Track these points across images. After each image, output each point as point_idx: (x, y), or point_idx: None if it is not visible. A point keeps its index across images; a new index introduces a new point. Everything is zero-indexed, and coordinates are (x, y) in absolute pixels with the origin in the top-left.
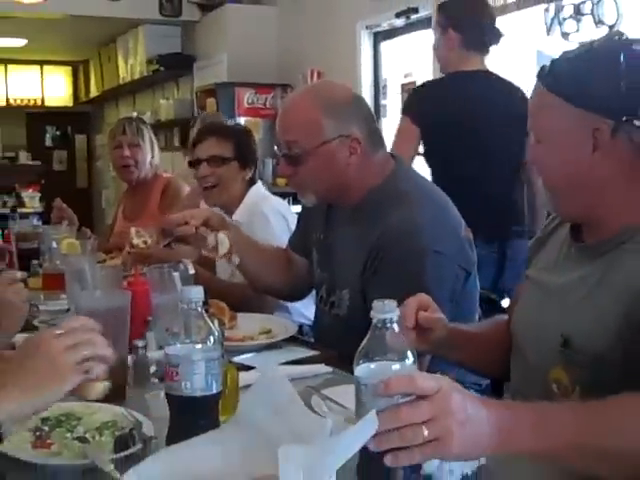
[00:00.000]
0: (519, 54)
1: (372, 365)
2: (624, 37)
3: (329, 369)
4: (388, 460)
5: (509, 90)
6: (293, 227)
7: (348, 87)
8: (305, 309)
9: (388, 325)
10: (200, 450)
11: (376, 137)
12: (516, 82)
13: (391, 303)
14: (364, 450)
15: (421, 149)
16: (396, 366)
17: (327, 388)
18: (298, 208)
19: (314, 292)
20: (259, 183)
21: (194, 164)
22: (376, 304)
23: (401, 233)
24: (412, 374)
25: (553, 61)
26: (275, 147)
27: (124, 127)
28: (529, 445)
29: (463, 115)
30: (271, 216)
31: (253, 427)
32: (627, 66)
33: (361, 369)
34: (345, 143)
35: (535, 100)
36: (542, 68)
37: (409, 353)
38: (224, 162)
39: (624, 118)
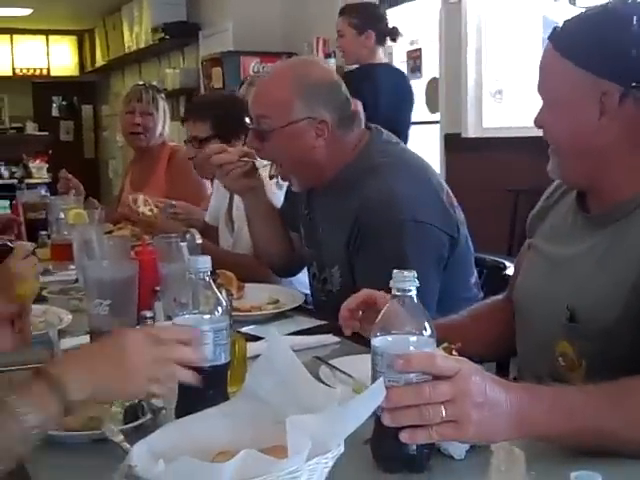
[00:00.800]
0: (525, 20)
1: (389, 337)
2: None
3: (337, 339)
4: (404, 437)
5: (403, 77)
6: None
7: (329, 69)
8: (295, 280)
9: (407, 294)
10: (210, 423)
11: (349, 121)
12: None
13: (410, 273)
14: (378, 424)
15: None
16: (413, 338)
17: (335, 358)
18: None
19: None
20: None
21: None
22: (396, 274)
23: (378, 205)
24: (433, 353)
25: (565, 22)
26: (246, 119)
27: (141, 93)
28: (545, 429)
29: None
30: (268, 184)
31: (260, 399)
32: (638, 27)
33: (379, 340)
34: (312, 125)
35: (544, 61)
36: (554, 29)
37: (427, 325)
38: (204, 142)
39: (633, 84)
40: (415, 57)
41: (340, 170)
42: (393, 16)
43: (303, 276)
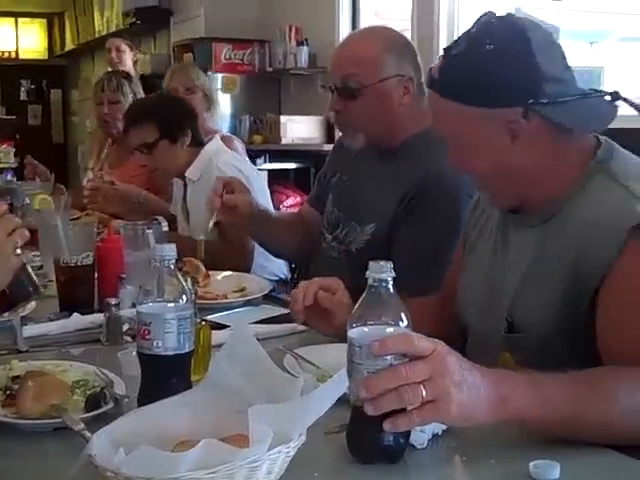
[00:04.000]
0: (497, 11)
1: (366, 328)
2: (500, 16)
3: (302, 328)
4: (387, 426)
5: None
6: (253, 183)
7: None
8: (277, 269)
9: (384, 285)
10: (171, 411)
11: (423, 87)
12: None
13: (387, 264)
14: (353, 415)
15: None
16: (390, 329)
17: (300, 347)
18: (274, 166)
19: None
20: (216, 137)
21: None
22: (372, 265)
23: (443, 177)
24: (408, 333)
25: (441, 66)
26: (323, 84)
27: (104, 83)
28: (524, 414)
29: None
30: (227, 171)
31: (223, 388)
32: (512, 48)
33: (355, 331)
34: (401, 82)
35: (435, 109)
36: (430, 76)
37: (403, 315)
38: (153, 147)
39: (530, 101)
40: None
41: (410, 136)
42: (366, 5)
43: (273, 266)
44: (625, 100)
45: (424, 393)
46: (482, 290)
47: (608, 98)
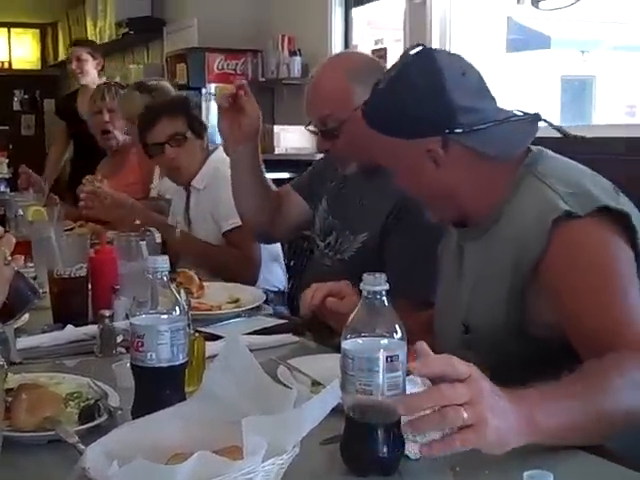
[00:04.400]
0: (490, 21)
1: (360, 340)
2: (416, 52)
3: (296, 339)
4: (425, 450)
5: None
6: None
7: (364, 53)
8: (269, 274)
9: (378, 297)
10: (165, 424)
11: None
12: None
13: (381, 276)
14: (348, 426)
15: None
16: (384, 341)
17: (293, 358)
18: (268, 175)
19: (280, 258)
20: (220, 148)
21: (152, 150)
22: (366, 277)
23: None
24: (449, 356)
25: (368, 100)
26: (307, 126)
27: (103, 93)
28: (553, 431)
29: None
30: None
31: (217, 400)
32: (425, 83)
33: (349, 342)
34: None
35: (370, 139)
36: (362, 109)
37: (397, 327)
38: (184, 139)
39: (446, 131)
40: (380, 57)
41: None
42: (358, 15)
43: (265, 270)
44: (545, 121)
45: (465, 416)
46: (444, 301)
47: (529, 120)
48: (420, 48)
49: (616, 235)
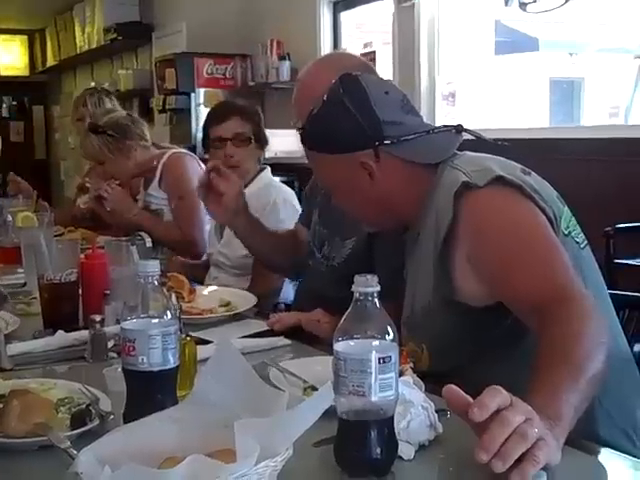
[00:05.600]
0: (478, 23)
1: (352, 342)
2: (342, 77)
3: (288, 342)
4: (516, 477)
5: None
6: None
7: (354, 54)
8: (288, 288)
9: (369, 299)
10: (158, 428)
11: None
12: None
13: (373, 277)
14: (341, 428)
15: None
16: (376, 342)
17: (285, 361)
18: None
19: None
20: (268, 168)
21: (212, 143)
22: (358, 279)
23: None
24: (497, 388)
25: (304, 124)
26: (295, 123)
27: (85, 99)
28: (572, 418)
29: None
30: (282, 207)
31: (209, 403)
32: (352, 102)
33: (341, 345)
34: None
35: (309, 162)
36: (299, 132)
37: (389, 329)
38: (248, 141)
39: (376, 143)
40: (369, 60)
41: None
42: (347, 19)
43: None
44: (467, 131)
45: (536, 430)
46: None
47: (453, 131)
48: (347, 75)
49: (517, 197)
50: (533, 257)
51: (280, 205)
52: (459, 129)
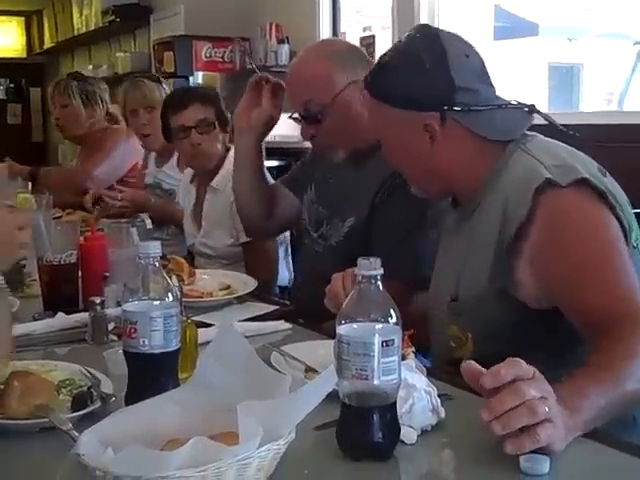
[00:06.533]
0: (477, 9)
1: (355, 325)
2: (423, 31)
3: (288, 325)
4: (511, 448)
5: None
6: None
7: (347, 41)
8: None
9: (373, 282)
10: (160, 410)
11: None
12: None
13: (376, 260)
14: (343, 412)
15: None
16: (379, 325)
17: (287, 344)
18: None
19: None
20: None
21: (176, 133)
22: (361, 261)
23: None
24: (511, 360)
25: (372, 70)
26: (290, 115)
27: (53, 89)
28: (591, 422)
29: None
30: None
31: (211, 386)
32: (429, 59)
33: (344, 328)
34: (357, 87)
35: (369, 108)
36: (365, 78)
37: (392, 312)
38: (212, 126)
39: (445, 107)
40: (368, 44)
41: None
42: (346, 3)
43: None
44: (539, 113)
45: (547, 409)
46: (437, 275)
47: (525, 110)
48: (426, 27)
49: (598, 205)
50: (604, 274)
51: None
52: (532, 109)
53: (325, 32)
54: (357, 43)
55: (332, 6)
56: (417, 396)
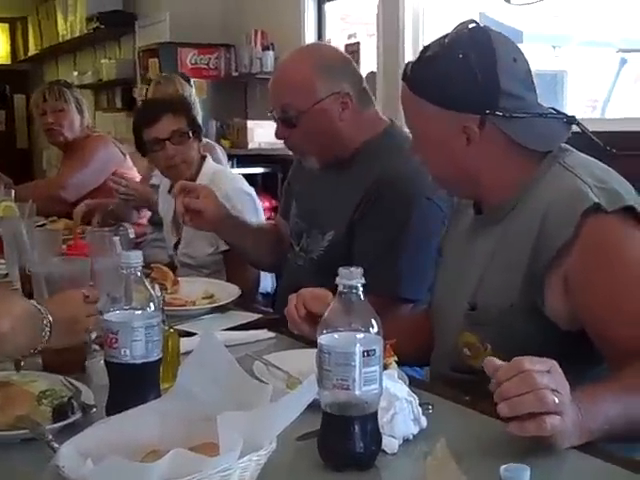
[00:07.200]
0: (462, 16)
1: (336, 335)
2: (473, 27)
3: (271, 334)
4: (514, 427)
5: None
6: (258, 201)
7: (337, 48)
8: (267, 285)
9: (354, 292)
10: (140, 421)
11: (366, 95)
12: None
13: (357, 270)
14: (325, 422)
15: None
16: (360, 335)
17: (269, 354)
18: (242, 171)
19: None
20: (209, 156)
21: (150, 146)
22: (342, 271)
23: (396, 179)
24: (533, 358)
25: (414, 63)
26: (269, 112)
27: (44, 94)
28: (601, 435)
29: None
30: (236, 198)
31: (192, 397)
32: (477, 59)
33: (325, 337)
34: (338, 99)
35: (404, 102)
36: (405, 70)
37: (374, 322)
38: (186, 137)
39: (487, 111)
40: (353, 51)
41: (361, 144)
42: (331, 10)
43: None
44: (578, 124)
45: (556, 401)
46: (449, 280)
47: (564, 120)
48: (476, 24)
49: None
50: (638, 306)
51: (232, 195)
52: (571, 120)
53: (310, 39)
54: (342, 50)
55: (317, 13)
56: (399, 405)
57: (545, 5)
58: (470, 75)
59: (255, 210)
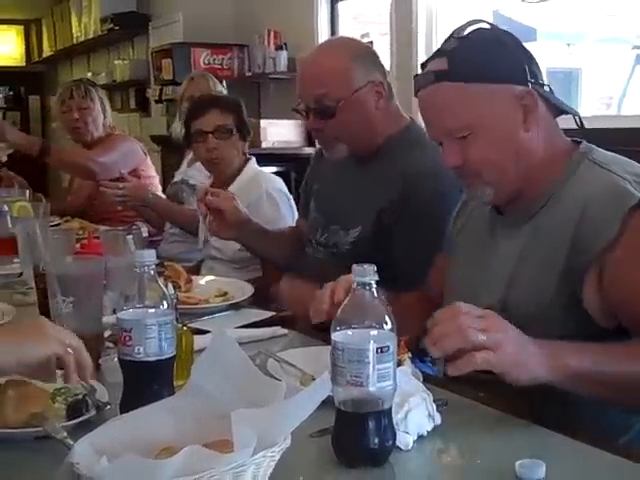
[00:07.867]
0: (476, 14)
1: (350, 331)
2: (494, 26)
3: (285, 331)
4: (448, 368)
5: None
6: (293, 204)
7: (362, 40)
8: None
9: (368, 288)
10: (154, 418)
11: (391, 88)
12: None
13: (370, 267)
14: (339, 419)
15: None
16: (374, 332)
17: (283, 351)
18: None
19: None
20: (253, 158)
21: (194, 138)
22: (356, 268)
23: (423, 178)
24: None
25: (451, 55)
26: (298, 105)
27: (71, 91)
28: (575, 369)
29: None
30: (277, 197)
31: (206, 394)
32: (509, 39)
33: (339, 334)
34: (373, 88)
35: (447, 101)
36: (431, 72)
37: (387, 318)
38: (230, 133)
39: (532, 80)
40: None
41: (386, 138)
42: (344, 9)
43: None
44: (580, 122)
45: (483, 338)
46: (470, 283)
47: None
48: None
49: None
50: None
51: (275, 194)
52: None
53: (323, 39)
54: None
55: (330, 12)
56: (413, 402)
57: (559, 2)
58: (507, 51)
59: (291, 211)
